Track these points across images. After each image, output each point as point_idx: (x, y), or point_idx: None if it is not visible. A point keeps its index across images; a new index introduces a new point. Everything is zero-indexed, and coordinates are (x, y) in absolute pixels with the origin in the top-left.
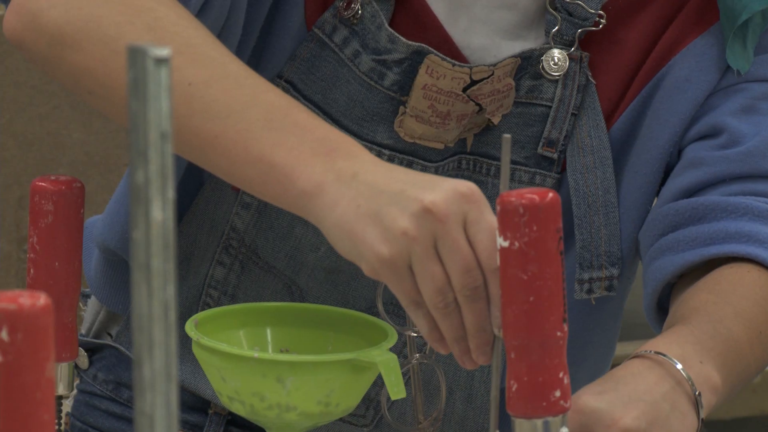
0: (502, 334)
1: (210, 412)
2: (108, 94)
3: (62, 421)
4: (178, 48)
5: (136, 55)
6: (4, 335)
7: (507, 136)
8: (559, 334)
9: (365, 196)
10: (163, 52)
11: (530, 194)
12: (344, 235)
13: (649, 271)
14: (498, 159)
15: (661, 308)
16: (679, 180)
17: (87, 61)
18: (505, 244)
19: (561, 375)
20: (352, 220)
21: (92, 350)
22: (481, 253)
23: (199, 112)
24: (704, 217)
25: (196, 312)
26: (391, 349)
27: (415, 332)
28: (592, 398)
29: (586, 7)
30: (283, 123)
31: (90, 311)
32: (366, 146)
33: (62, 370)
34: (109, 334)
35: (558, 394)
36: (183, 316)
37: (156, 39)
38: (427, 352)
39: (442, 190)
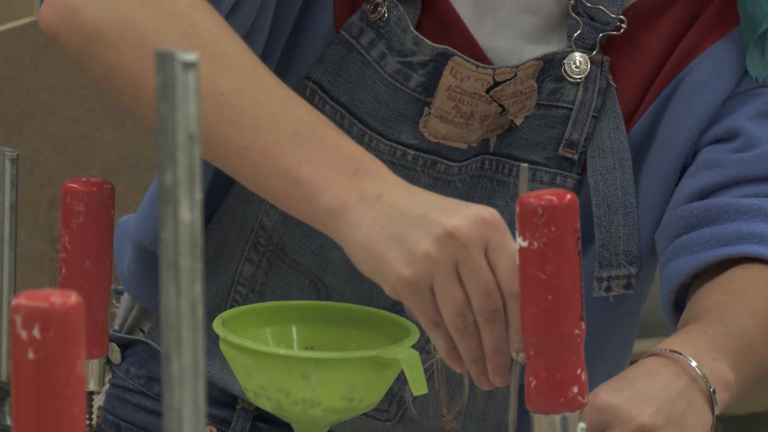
0: (521, 335)
1: (237, 407)
2: (140, 95)
3: (93, 416)
4: (212, 56)
5: (164, 60)
6: (36, 333)
7: (524, 165)
8: (576, 331)
9: (389, 217)
10: (191, 56)
11: (549, 195)
12: (366, 255)
13: (666, 272)
14: (520, 160)
15: (679, 308)
16: (693, 181)
17: (122, 61)
18: (524, 244)
19: (579, 372)
20: (374, 240)
21: (125, 345)
22: (502, 277)
23: (229, 121)
24: (718, 219)
25: (225, 308)
26: (413, 346)
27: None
28: (609, 395)
29: (607, 12)
30: (310, 138)
31: (123, 307)
32: (391, 146)
33: (93, 367)
34: (142, 330)
35: (576, 390)
36: (212, 312)
37: (191, 46)
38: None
39: (465, 216)
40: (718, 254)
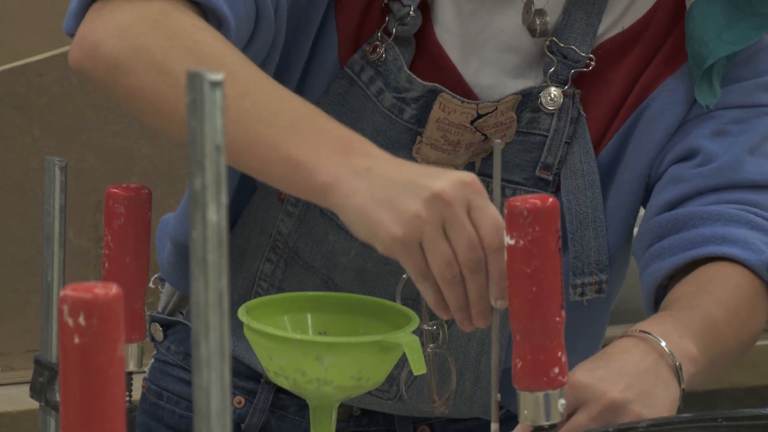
0: (507, 312)
1: (262, 380)
2: (156, 111)
3: (133, 393)
4: (213, 66)
5: (194, 80)
6: (81, 320)
7: (498, 140)
8: (557, 319)
9: (379, 185)
10: (218, 76)
11: (533, 199)
12: (361, 219)
13: (644, 276)
14: (502, 180)
15: (658, 308)
16: (662, 196)
17: (138, 84)
18: (512, 242)
19: (559, 354)
20: (368, 205)
21: (166, 325)
22: (483, 233)
23: (233, 121)
24: (685, 226)
25: (249, 300)
26: (413, 332)
27: (429, 326)
28: (583, 374)
29: (578, 51)
30: (305, 127)
31: (165, 293)
32: None
33: (132, 350)
34: (181, 313)
35: (557, 370)
36: (238, 303)
37: (195, 59)
38: (440, 342)
39: (449, 180)
40: (687, 256)
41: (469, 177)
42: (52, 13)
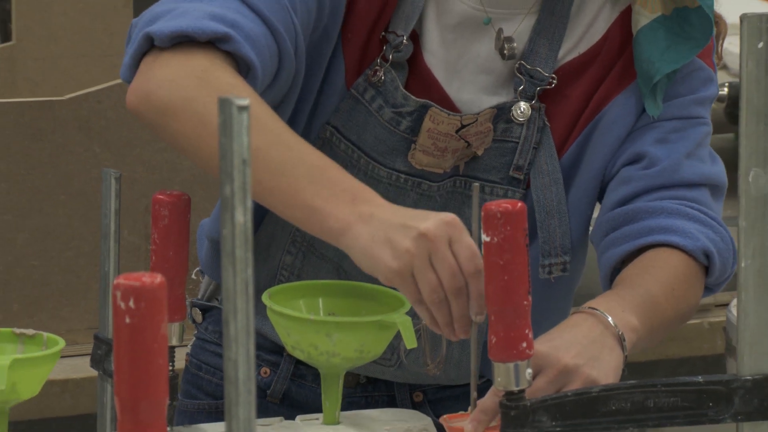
0: (485, 303)
1: (284, 354)
2: (197, 153)
3: (175, 365)
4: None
5: (225, 104)
6: (132, 304)
7: (476, 185)
8: (525, 303)
9: (379, 229)
10: (244, 101)
11: (505, 204)
12: (366, 258)
13: (601, 262)
14: (481, 180)
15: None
16: (615, 194)
17: (183, 129)
18: (488, 239)
19: (527, 331)
20: (370, 246)
21: (205, 309)
22: (462, 262)
23: (261, 169)
24: (634, 219)
25: (273, 286)
26: (407, 313)
27: None
28: (541, 345)
29: (542, 72)
30: (320, 178)
31: (204, 283)
32: (388, 172)
33: (174, 328)
34: (216, 299)
35: (524, 345)
36: (263, 289)
37: None
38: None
39: (434, 220)
40: (635, 244)
41: (450, 217)
42: (109, 52)
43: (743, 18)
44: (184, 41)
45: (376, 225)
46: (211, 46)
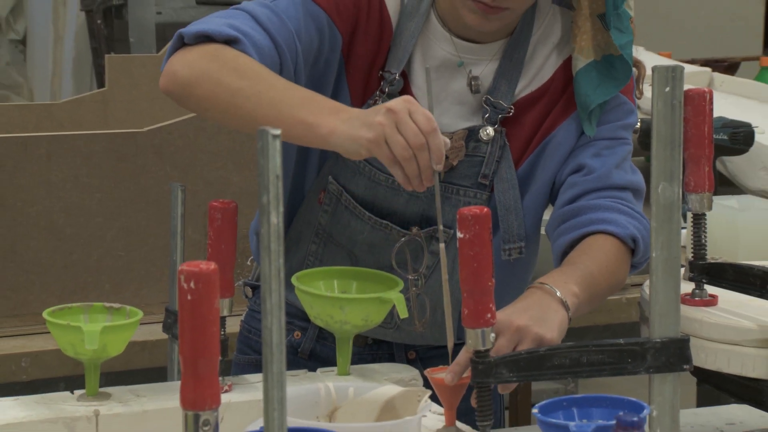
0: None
1: (311, 321)
2: (216, 108)
3: (225, 332)
4: (251, 75)
5: (262, 133)
6: (192, 285)
7: (428, 67)
8: (489, 284)
9: (357, 120)
10: (277, 132)
11: (475, 209)
12: (349, 141)
13: (553, 248)
14: (456, 185)
15: None
16: (564, 195)
17: (204, 93)
18: (461, 236)
19: (491, 305)
20: (350, 132)
21: (254, 287)
22: (420, 125)
23: (265, 106)
24: (578, 214)
25: (301, 270)
26: (400, 292)
27: (413, 277)
28: (500, 313)
29: (503, 103)
30: (310, 103)
31: (254, 268)
32: (386, 176)
33: (224, 303)
34: None
35: (489, 315)
36: (293, 273)
37: (238, 74)
38: (419, 287)
39: (395, 101)
40: (579, 233)
41: (407, 97)
42: None
43: (654, 69)
44: (205, 40)
45: (353, 120)
46: (225, 45)
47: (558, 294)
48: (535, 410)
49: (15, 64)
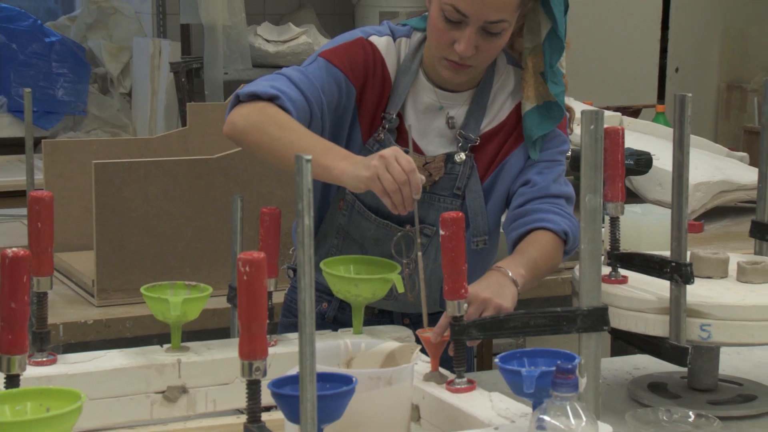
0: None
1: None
2: (261, 151)
3: (272, 302)
4: (287, 128)
5: (299, 158)
6: (247, 269)
7: (409, 124)
8: (463, 267)
9: (360, 163)
10: (309, 157)
11: (453, 214)
12: (354, 179)
13: (507, 241)
14: (438, 194)
15: None
16: (515, 202)
17: (254, 140)
18: (443, 233)
19: (464, 283)
20: (355, 172)
21: (294, 270)
22: (404, 167)
23: (296, 152)
24: (525, 215)
25: (327, 258)
26: (398, 273)
27: (407, 260)
28: (470, 288)
29: (472, 135)
30: (329, 151)
31: (294, 256)
32: None
33: (271, 282)
34: None
35: (463, 290)
36: (321, 260)
37: (278, 126)
38: (412, 267)
39: (386, 149)
40: (526, 228)
41: (395, 147)
42: None
43: (583, 112)
44: (255, 98)
45: (357, 164)
46: (269, 102)
47: (510, 274)
48: (496, 360)
49: (123, 110)
